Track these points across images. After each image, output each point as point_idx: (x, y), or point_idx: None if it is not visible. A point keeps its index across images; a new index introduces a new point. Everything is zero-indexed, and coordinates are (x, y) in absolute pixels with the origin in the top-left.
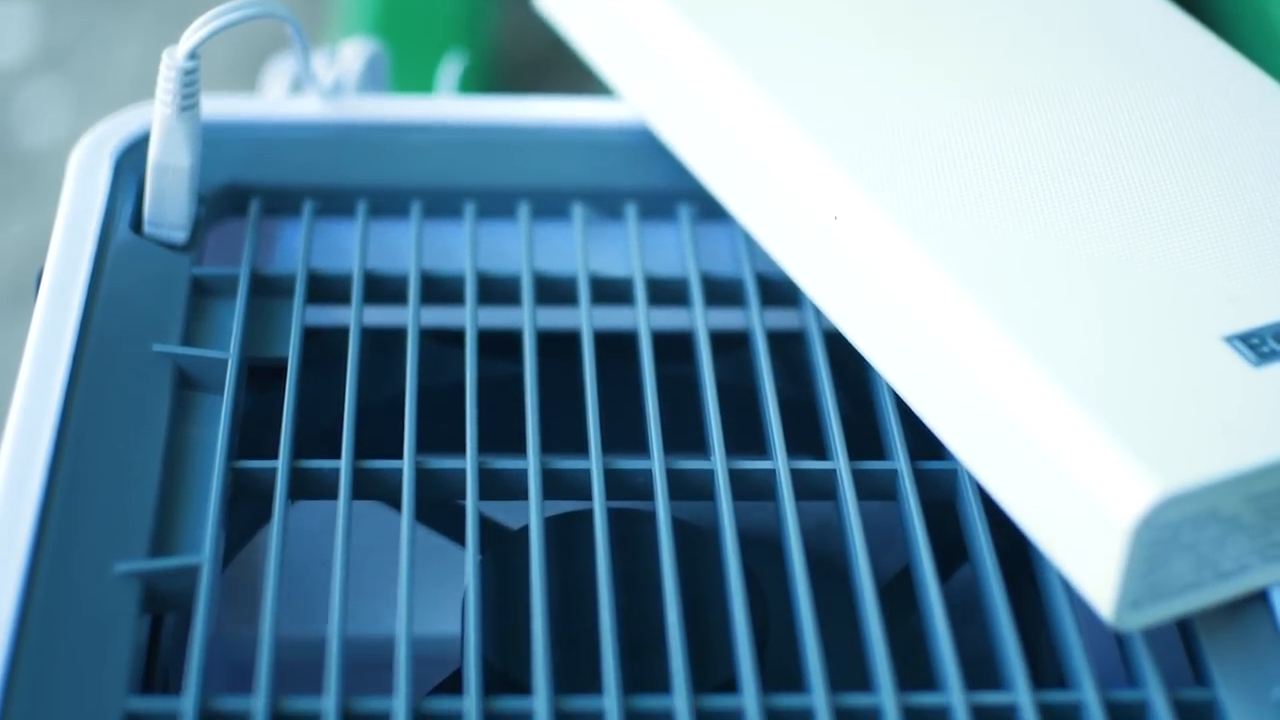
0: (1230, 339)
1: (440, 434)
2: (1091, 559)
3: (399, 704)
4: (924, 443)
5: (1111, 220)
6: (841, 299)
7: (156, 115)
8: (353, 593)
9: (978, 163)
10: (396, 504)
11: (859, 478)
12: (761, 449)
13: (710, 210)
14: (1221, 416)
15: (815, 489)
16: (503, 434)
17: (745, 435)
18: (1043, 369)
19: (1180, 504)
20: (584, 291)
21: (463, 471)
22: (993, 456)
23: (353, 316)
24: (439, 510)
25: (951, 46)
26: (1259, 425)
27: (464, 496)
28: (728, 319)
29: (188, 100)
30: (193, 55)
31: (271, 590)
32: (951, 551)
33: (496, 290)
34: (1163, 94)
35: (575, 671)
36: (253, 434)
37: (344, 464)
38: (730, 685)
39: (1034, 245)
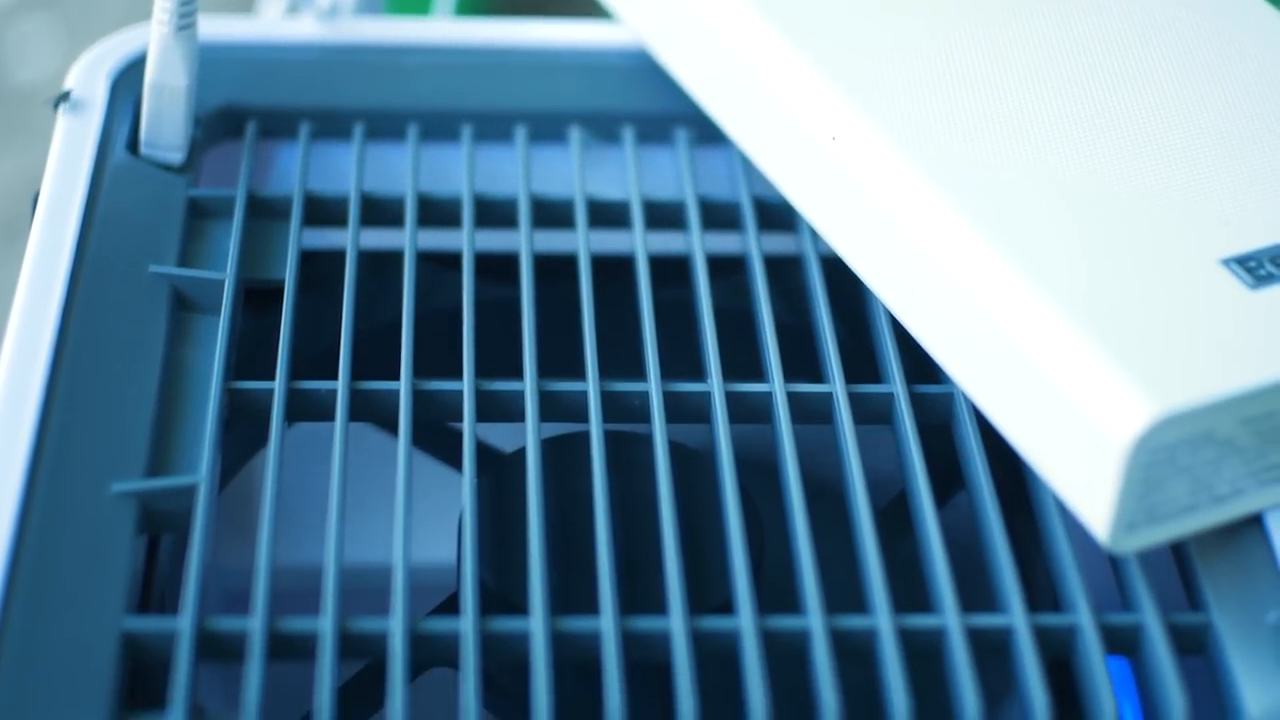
0: (1227, 262)
1: (435, 360)
2: (1087, 481)
3: (396, 624)
4: (920, 368)
5: (1110, 144)
6: (838, 221)
7: (153, 34)
8: (347, 521)
9: (976, 86)
10: (393, 426)
11: (855, 401)
12: (758, 375)
13: (707, 134)
14: (1218, 339)
15: (812, 412)
16: (499, 360)
17: (742, 361)
18: (1041, 291)
19: (1176, 425)
20: (581, 215)
21: (460, 393)
22: (989, 379)
23: (349, 238)
24: (433, 435)
25: None
26: (1255, 347)
27: (460, 418)
28: (725, 243)
29: (185, 19)
30: None
31: (269, 504)
32: (948, 477)
33: (493, 213)
34: (1160, 18)
35: (572, 594)
36: (249, 357)
37: (341, 384)
38: (726, 608)
39: (1033, 169)
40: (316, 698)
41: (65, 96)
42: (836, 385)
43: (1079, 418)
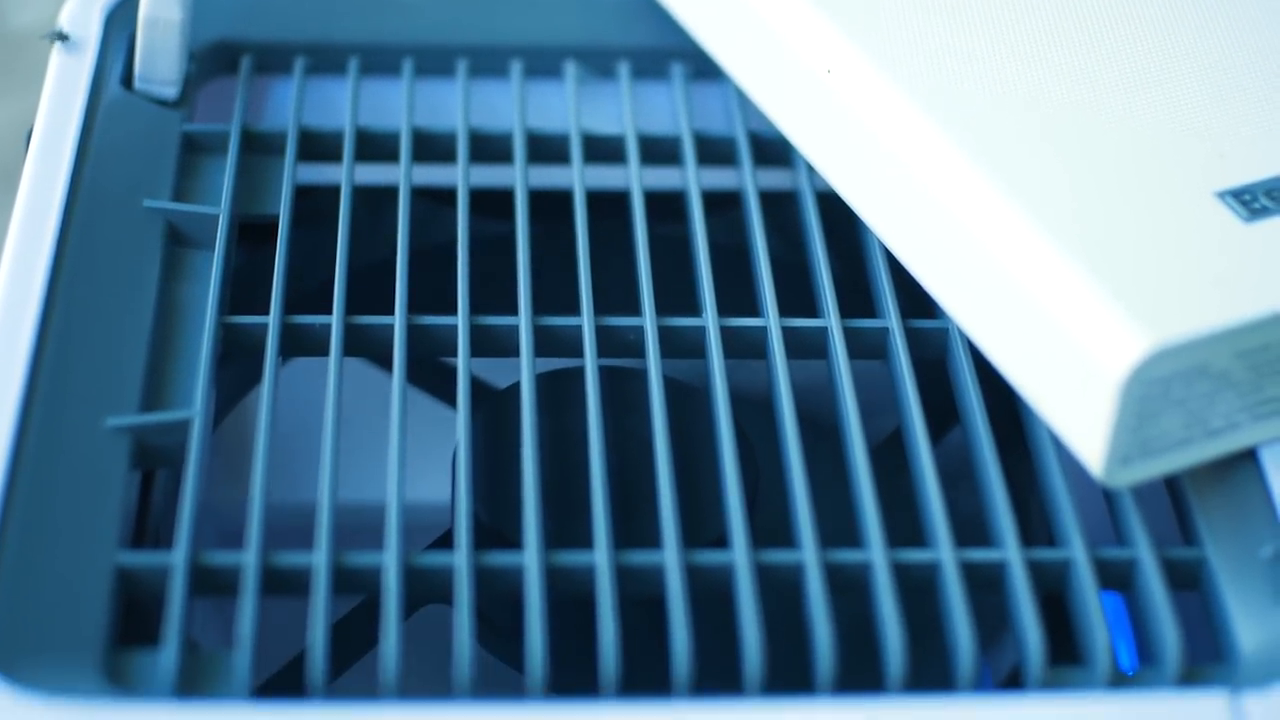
0: (1222, 195)
1: (430, 296)
2: (1082, 414)
3: (390, 558)
4: (916, 303)
5: (1106, 76)
6: (834, 155)
7: None
8: (341, 458)
9: (973, 19)
10: (387, 360)
11: (851, 335)
12: (754, 310)
13: (703, 69)
14: (1212, 271)
15: (807, 347)
16: (494, 295)
17: (738, 298)
18: (1035, 224)
19: (1170, 358)
20: (576, 150)
21: (454, 327)
22: (984, 312)
23: (344, 173)
24: (427, 371)
25: None
26: (1250, 280)
27: (455, 353)
28: (720, 178)
29: None
30: None
31: (264, 434)
32: (943, 414)
33: (488, 148)
34: None
35: (566, 529)
36: (243, 294)
37: (335, 318)
38: (721, 543)
39: (1028, 100)
40: (310, 633)
41: (63, 36)
42: (832, 320)
43: (1073, 351)
